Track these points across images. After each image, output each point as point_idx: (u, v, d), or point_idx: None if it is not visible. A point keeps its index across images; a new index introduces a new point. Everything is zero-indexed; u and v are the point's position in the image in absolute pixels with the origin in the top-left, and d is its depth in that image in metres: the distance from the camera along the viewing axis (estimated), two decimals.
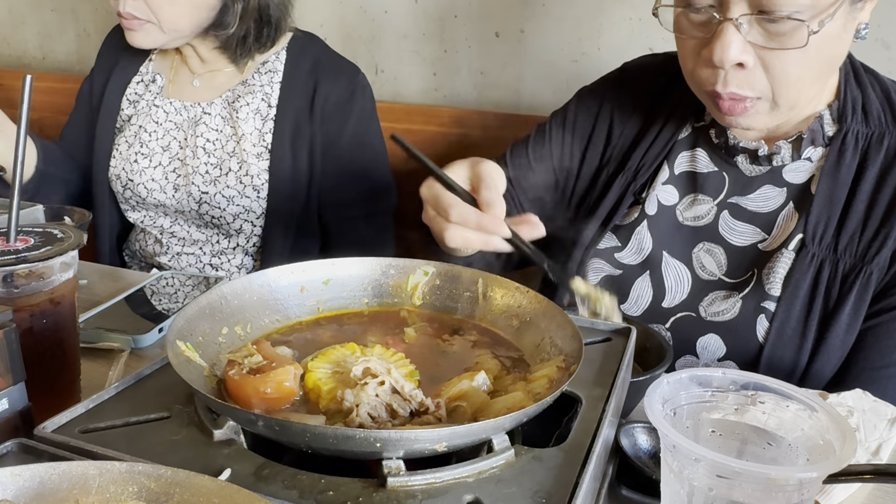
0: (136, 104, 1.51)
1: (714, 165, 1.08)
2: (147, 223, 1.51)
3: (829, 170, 0.99)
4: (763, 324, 0.99)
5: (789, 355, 0.97)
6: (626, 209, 1.13)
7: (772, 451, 0.58)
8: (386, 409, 0.58)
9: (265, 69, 1.46)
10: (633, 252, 1.10)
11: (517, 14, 1.66)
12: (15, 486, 0.46)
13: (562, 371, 0.63)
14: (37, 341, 0.69)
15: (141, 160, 1.46)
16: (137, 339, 0.95)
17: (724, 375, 0.60)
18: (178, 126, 1.46)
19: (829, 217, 0.98)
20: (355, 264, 0.77)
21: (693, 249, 1.07)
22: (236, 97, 1.45)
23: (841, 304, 0.96)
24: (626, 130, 1.16)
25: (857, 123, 1.00)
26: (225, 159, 1.42)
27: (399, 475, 0.51)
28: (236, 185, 1.41)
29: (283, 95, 1.43)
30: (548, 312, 0.69)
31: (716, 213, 1.06)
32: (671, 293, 1.07)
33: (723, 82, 0.93)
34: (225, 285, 0.70)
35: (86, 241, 0.72)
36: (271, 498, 0.48)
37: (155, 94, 1.50)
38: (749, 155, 1.04)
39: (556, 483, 0.52)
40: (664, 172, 1.10)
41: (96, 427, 0.56)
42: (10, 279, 0.66)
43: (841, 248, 0.97)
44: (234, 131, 1.43)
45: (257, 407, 0.58)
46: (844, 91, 1.01)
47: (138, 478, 0.47)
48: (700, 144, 1.10)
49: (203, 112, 1.45)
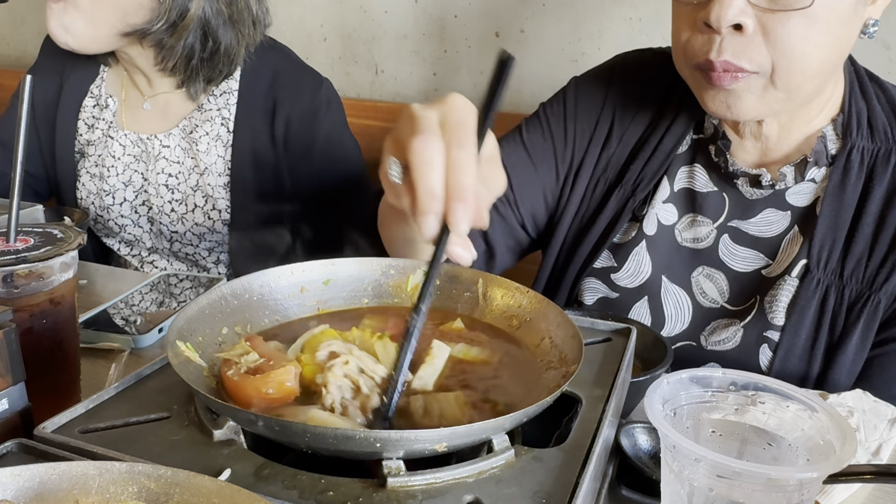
0: (93, 129, 1.42)
1: (713, 185, 1.03)
2: (124, 252, 1.47)
3: (834, 190, 0.95)
4: (766, 353, 0.95)
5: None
6: (625, 227, 1.07)
7: (772, 451, 0.58)
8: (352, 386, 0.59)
9: (219, 90, 1.36)
10: (631, 274, 1.05)
11: (517, 14, 1.66)
12: (15, 487, 0.46)
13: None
14: (37, 341, 0.69)
15: (105, 197, 1.40)
16: (137, 339, 0.95)
17: (724, 375, 0.60)
18: (137, 159, 1.38)
19: (834, 240, 0.94)
20: (355, 264, 0.77)
21: (693, 273, 1.03)
22: (194, 126, 1.35)
23: (848, 333, 0.92)
24: (627, 136, 1.09)
25: (863, 139, 0.95)
26: (189, 194, 1.35)
27: (399, 475, 0.51)
28: (205, 222, 1.34)
29: (240, 119, 1.33)
30: (548, 313, 0.69)
31: (716, 236, 1.02)
32: (671, 321, 1.03)
33: (717, 49, 0.86)
34: (225, 285, 0.70)
35: (85, 241, 0.72)
36: (271, 498, 0.48)
37: (109, 123, 1.40)
38: (749, 179, 1.00)
39: (556, 483, 0.52)
40: (664, 189, 1.05)
41: (96, 427, 0.56)
42: (10, 279, 0.66)
43: (847, 273, 0.93)
44: (195, 163, 1.34)
45: (258, 407, 0.58)
46: (849, 103, 0.97)
47: (138, 478, 0.47)
48: (698, 160, 1.05)
49: (161, 145, 1.36)
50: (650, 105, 1.09)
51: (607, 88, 1.12)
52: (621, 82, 1.12)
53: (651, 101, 1.09)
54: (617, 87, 1.11)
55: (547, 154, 1.12)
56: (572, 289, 1.10)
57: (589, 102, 1.11)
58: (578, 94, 1.13)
